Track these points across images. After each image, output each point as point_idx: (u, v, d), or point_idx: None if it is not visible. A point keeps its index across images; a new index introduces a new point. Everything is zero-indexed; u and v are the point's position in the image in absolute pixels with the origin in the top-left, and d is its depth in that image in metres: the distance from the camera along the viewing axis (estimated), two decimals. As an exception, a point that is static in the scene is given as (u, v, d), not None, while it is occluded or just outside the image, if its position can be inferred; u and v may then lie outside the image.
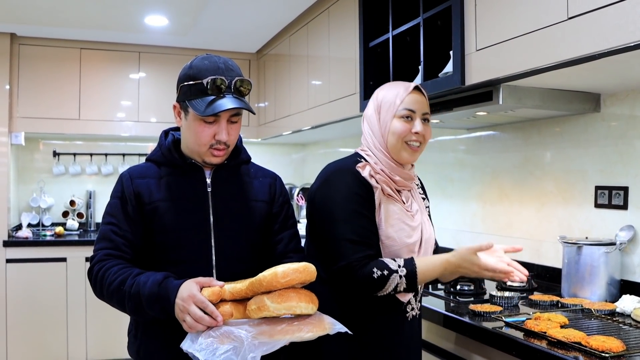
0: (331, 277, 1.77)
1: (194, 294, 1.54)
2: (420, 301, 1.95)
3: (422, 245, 1.87)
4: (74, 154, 5.52)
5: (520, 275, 1.75)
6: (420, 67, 2.63)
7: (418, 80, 2.66)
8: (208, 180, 1.84)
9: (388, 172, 1.84)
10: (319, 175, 1.90)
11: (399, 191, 1.88)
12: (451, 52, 2.40)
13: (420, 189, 2.06)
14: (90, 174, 5.51)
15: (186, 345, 1.52)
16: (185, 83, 1.75)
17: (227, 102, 1.71)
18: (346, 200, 1.77)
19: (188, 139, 1.81)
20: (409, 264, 1.73)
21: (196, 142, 1.78)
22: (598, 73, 2.07)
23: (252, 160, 1.98)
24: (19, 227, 5.15)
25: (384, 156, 1.85)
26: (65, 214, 5.45)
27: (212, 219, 1.80)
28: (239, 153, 1.91)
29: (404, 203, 1.87)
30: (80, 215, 5.44)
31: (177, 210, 1.78)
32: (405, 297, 1.86)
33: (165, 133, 1.92)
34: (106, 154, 5.59)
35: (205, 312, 1.53)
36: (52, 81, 5.01)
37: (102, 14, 4.33)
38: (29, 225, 5.17)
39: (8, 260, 4.69)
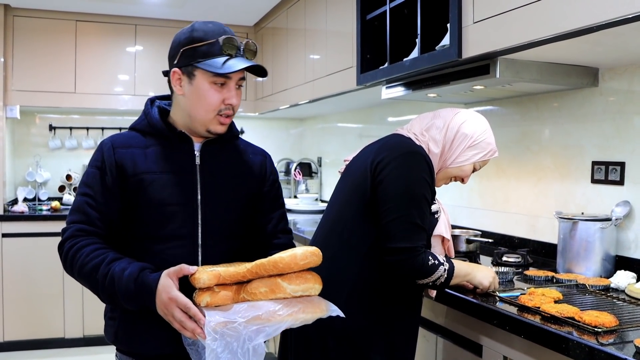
0: (382, 253, 1.82)
1: (175, 296, 1.46)
2: None
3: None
4: (70, 128, 5.49)
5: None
6: (418, 40, 2.59)
7: (415, 53, 2.62)
8: (197, 154, 1.73)
9: None
10: (386, 148, 1.89)
11: None
12: (448, 25, 2.37)
13: None
14: (86, 148, 5.48)
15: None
16: (190, 46, 1.64)
17: (243, 62, 1.63)
18: (422, 185, 1.83)
19: (192, 106, 1.68)
20: (449, 260, 1.86)
21: (204, 107, 1.66)
22: (596, 46, 2.04)
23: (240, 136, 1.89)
24: (14, 201, 5.15)
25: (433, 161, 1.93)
26: (61, 189, 5.44)
27: (199, 195, 1.70)
28: (230, 127, 1.80)
29: None
30: (76, 189, 5.41)
31: (163, 183, 1.66)
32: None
33: (151, 101, 1.79)
34: (103, 128, 5.55)
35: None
36: (47, 54, 4.96)
37: (97, -14, 4.28)
38: (25, 199, 5.17)
39: (4, 235, 4.70)
